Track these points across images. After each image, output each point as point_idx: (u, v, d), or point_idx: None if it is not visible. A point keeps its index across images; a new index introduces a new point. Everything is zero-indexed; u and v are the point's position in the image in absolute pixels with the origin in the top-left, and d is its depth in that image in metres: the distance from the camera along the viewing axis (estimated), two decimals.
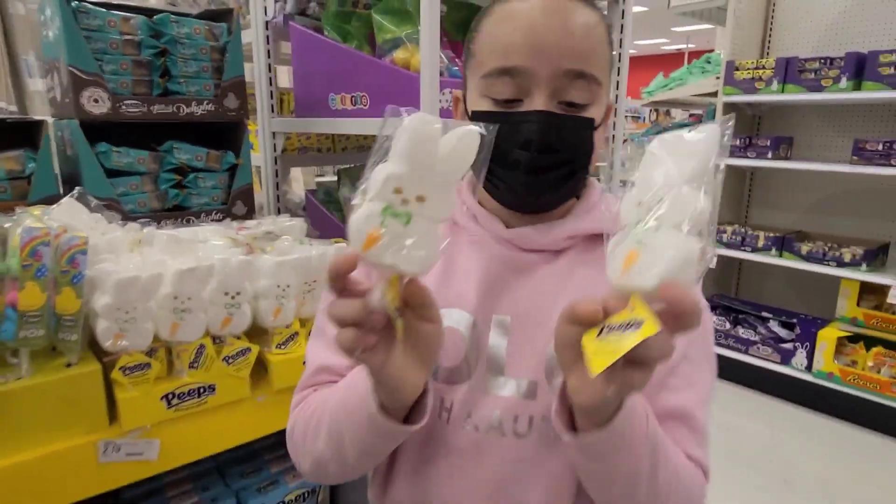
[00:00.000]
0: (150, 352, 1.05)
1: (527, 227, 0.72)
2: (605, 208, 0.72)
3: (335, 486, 1.53)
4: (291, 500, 1.41)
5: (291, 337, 1.21)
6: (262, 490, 1.37)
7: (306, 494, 1.44)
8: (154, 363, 1.04)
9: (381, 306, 0.50)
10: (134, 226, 1.27)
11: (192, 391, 1.09)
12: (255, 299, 1.19)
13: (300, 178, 3.82)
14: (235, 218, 1.54)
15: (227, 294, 1.12)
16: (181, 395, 1.07)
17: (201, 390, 1.10)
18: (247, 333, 1.18)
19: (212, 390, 1.11)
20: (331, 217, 1.76)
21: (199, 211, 1.52)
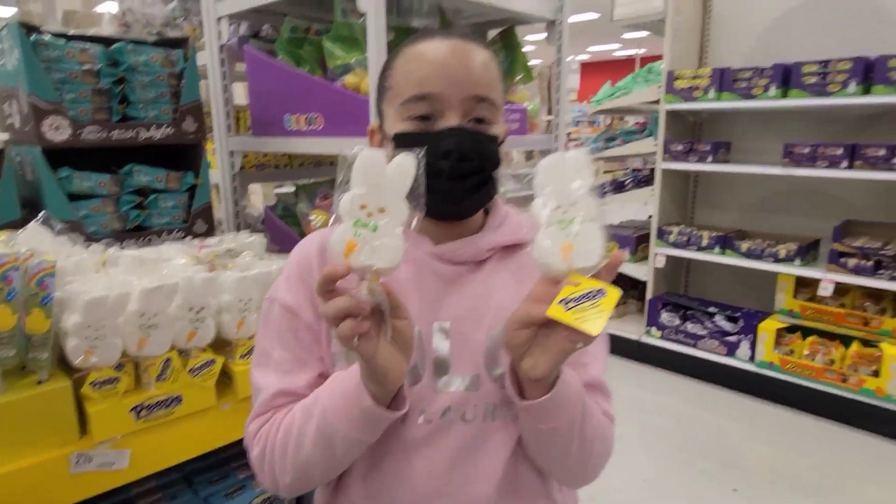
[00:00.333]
0: (119, 366, 1.11)
1: (453, 242, 0.83)
2: (515, 221, 0.87)
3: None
4: None
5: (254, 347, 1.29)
6: (230, 496, 1.44)
7: (273, 499, 1.50)
8: (123, 377, 1.11)
9: (368, 299, 0.62)
10: (98, 247, 1.33)
11: (160, 402, 1.15)
12: (218, 313, 1.26)
13: (259, 190, 3.86)
14: (196, 236, 1.60)
15: (191, 309, 1.19)
16: (149, 407, 1.14)
17: (169, 401, 1.16)
18: (211, 346, 1.25)
19: (179, 401, 1.18)
20: (289, 231, 1.83)
21: (160, 230, 1.57)
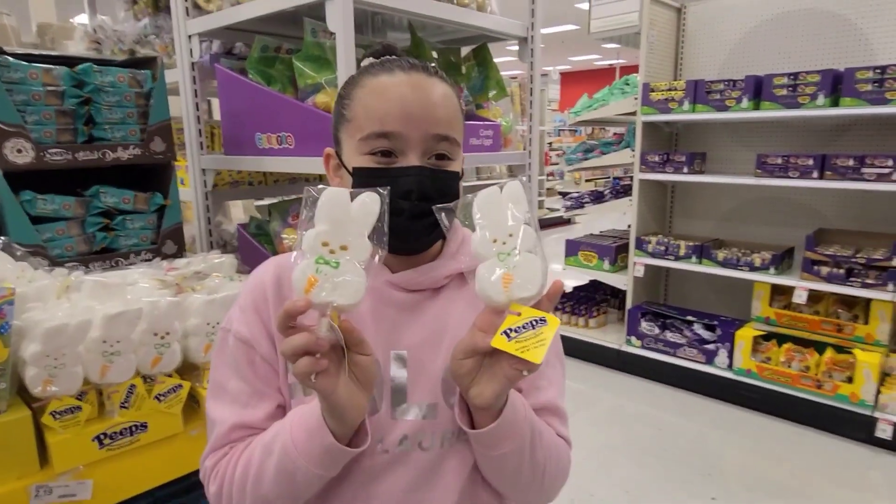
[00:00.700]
0: (81, 395, 1.09)
1: (409, 270, 0.83)
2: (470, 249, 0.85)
3: None
4: None
5: None
6: None
7: None
8: (84, 405, 1.09)
9: (327, 336, 0.62)
10: (61, 271, 1.31)
11: (123, 430, 1.13)
12: (185, 337, 1.25)
13: (239, 203, 3.83)
14: (166, 257, 1.58)
15: (156, 335, 1.17)
16: (112, 435, 1.12)
17: (133, 429, 1.14)
18: (178, 370, 1.24)
19: (144, 428, 1.16)
20: (262, 250, 1.82)
21: (128, 252, 1.55)
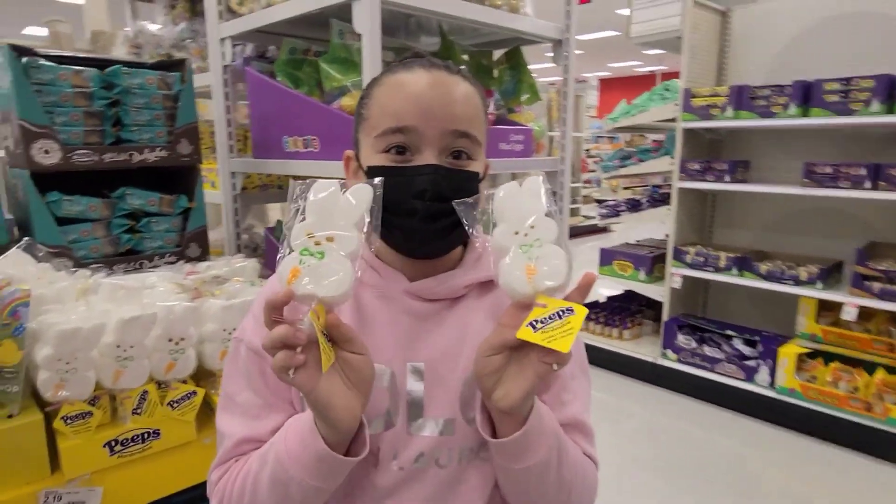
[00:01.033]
0: (93, 400, 1.08)
1: (428, 279, 0.77)
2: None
3: None
4: None
5: None
6: None
7: None
8: (96, 411, 1.07)
9: (309, 330, 0.59)
10: (84, 272, 1.30)
11: (135, 437, 1.11)
12: (200, 343, 1.22)
13: (277, 207, 3.85)
14: (189, 260, 1.58)
15: (171, 340, 1.15)
16: (124, 442, 1.10)
17: (145, 435, 1.12)
18: (193, 377, 1.21)
19: (156, 435, 1.14)
20: None
21: (152, 254, 1.55)
